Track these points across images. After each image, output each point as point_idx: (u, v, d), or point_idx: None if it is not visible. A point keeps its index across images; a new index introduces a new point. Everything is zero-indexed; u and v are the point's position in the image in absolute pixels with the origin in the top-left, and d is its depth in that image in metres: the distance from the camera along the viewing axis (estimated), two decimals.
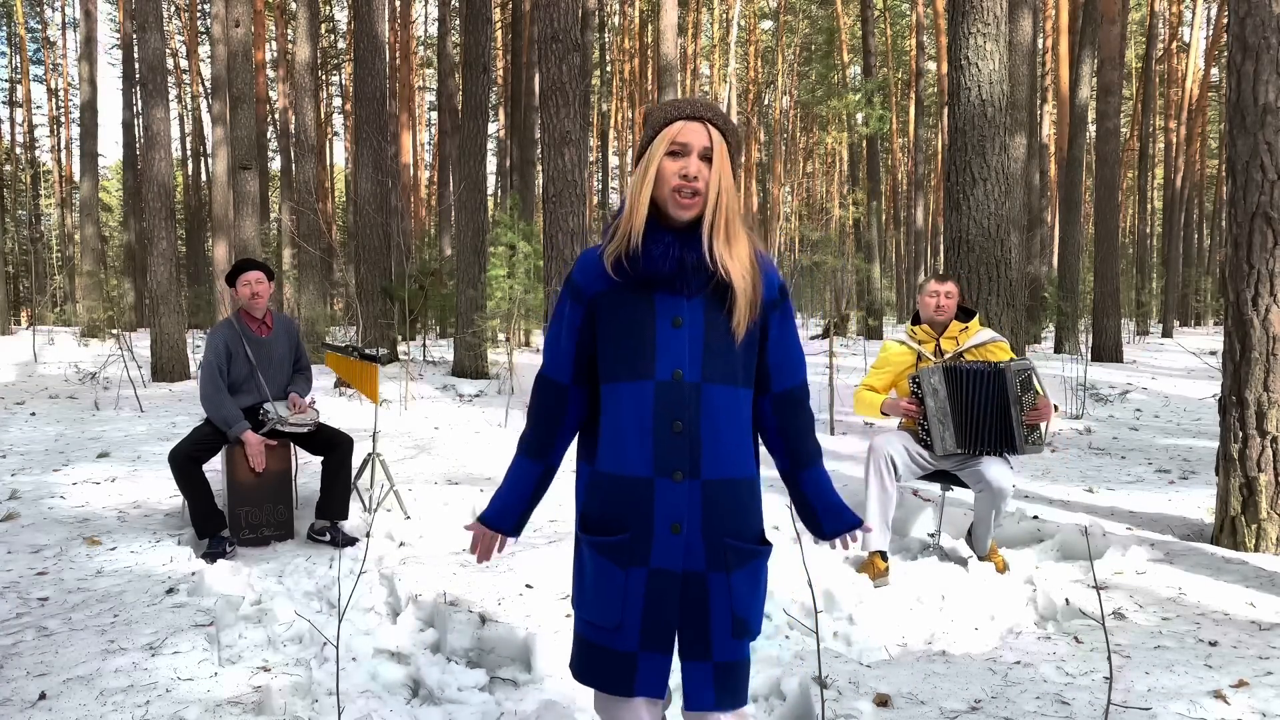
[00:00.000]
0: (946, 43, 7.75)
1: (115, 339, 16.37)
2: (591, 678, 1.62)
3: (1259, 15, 3.84)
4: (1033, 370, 3.53)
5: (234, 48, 13.29)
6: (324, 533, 4.12)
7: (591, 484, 1.65)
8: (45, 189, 44.25)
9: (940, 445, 3.63)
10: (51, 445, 6.53)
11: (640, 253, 1.56)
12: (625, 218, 1.58)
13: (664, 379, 1.56)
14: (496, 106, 31.81)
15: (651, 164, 1.56)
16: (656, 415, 1.56)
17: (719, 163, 1.55)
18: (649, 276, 1.57)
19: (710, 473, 1.57)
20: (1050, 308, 17.32)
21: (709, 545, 1.57)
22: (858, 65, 34.74)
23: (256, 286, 4.14)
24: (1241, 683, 2.55)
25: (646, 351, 1.57)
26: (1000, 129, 6.47)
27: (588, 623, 1.63)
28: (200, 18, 35.23)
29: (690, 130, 1.54)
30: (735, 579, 1.59)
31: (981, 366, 3.55)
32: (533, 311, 13.51)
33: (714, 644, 1.58)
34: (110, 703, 2.45)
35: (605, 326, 1.61)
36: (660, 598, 1.57)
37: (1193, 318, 35.27)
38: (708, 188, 1.54)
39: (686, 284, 1.57)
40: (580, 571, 1.65)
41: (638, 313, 1.58)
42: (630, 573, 1.57)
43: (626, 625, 1.58)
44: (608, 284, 1.61)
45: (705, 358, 1.57)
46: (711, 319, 1.58)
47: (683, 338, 1.57)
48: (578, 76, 8.47)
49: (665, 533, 1.57)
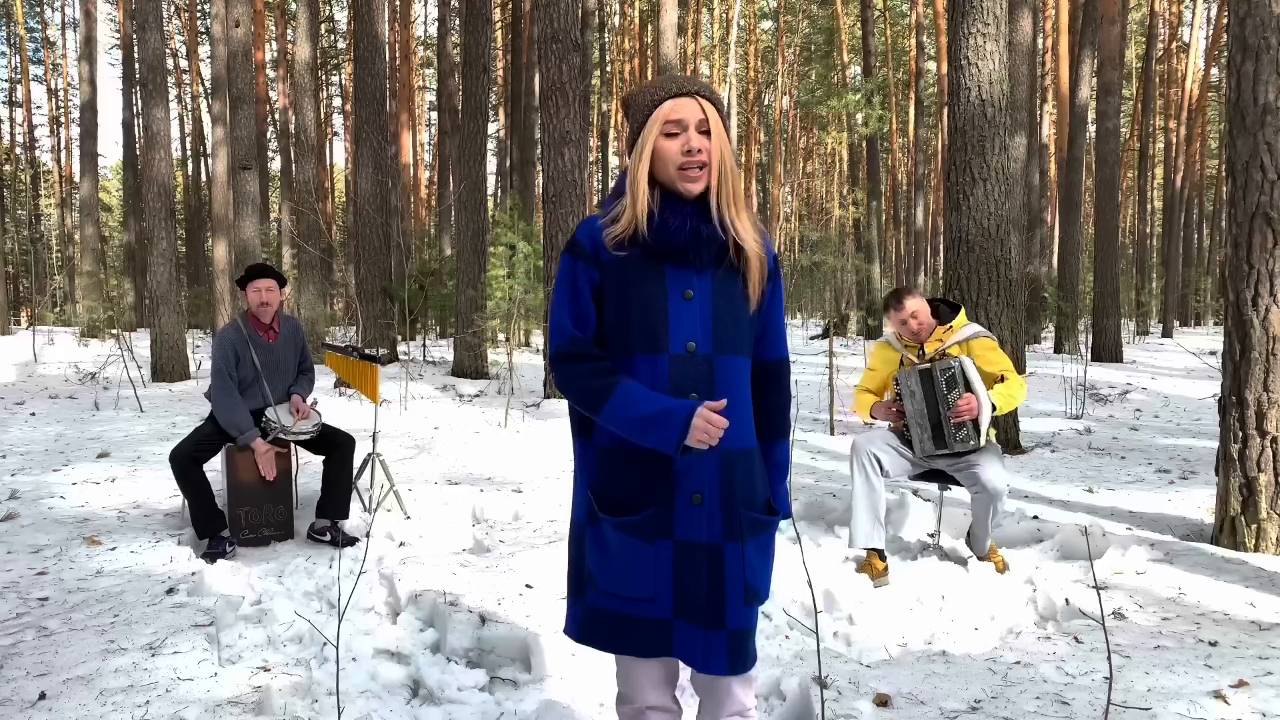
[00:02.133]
0: (946, 43, 7.75)
1: (115, 339, 16.37)
2: (626, 645, 1.61)
3: (1259, 15, 3.84)
4: (958, 368, 3.48)
5: (234, 48, 13.29)
6: (324, 532, 4.12)
7: (602, 462, 1.63)
8: (45, 189, 44.24)
9: (919, 448, 3.61)
10: (51, 445, 6.53)
11: (658, 223, 1.56)
12: (628, 203, 1.58)
13: (678, 352, 1.57)
14: (496, 106, 31.80)
15: (647, 147, 1.56)
16: (672, 388, 1.57)
17: (717, 134, 1.57)
18: (664, 247, 1.57)
19: (727, 443, 1.59)
20: (1050, 308, 17.32)
21: (726, 515, 1.59)
22: (857, 65, 34.73)
23: (267, 295, 4.13)
24: (1241, 683, 2.55)
25: (660, 324, 1.57)
26: (1000, 129, 6.47)
27: (612, 595, 1.61)
28: (200, 18, 35.22)
29: (682, 106, 1.55)
30: (749, 549, 1.61)
31: (950, 370, 3.51)
32: (533, 311, 13.52)
33: (729, 612, 1.59)
34: (110, 703, 2.45)
35: (614, 298, 1.60)
36: (688, 568, 1.58)
37: (1193, 318, 35.26)
38: (711, 159, 1.56)
39: (699, 255, 1.58)
40: (601, 548, 1.62)
41: (649, 285, 1.58)
42: (658, 545, 1.58)
43: (660, 595, 1.59)
44: (615, 254, 1.60)
45: (716, 330, 1.59)
46: (720, 290, 1.60)
47: (694, 310, 1.58)
48: (578, 76, 8.47)
49: (686, 504, 1.58)
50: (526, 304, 12.87)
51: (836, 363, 13.85)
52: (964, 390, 3.47)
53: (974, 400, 3.45)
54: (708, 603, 1.59)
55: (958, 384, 3.48)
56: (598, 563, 1.63)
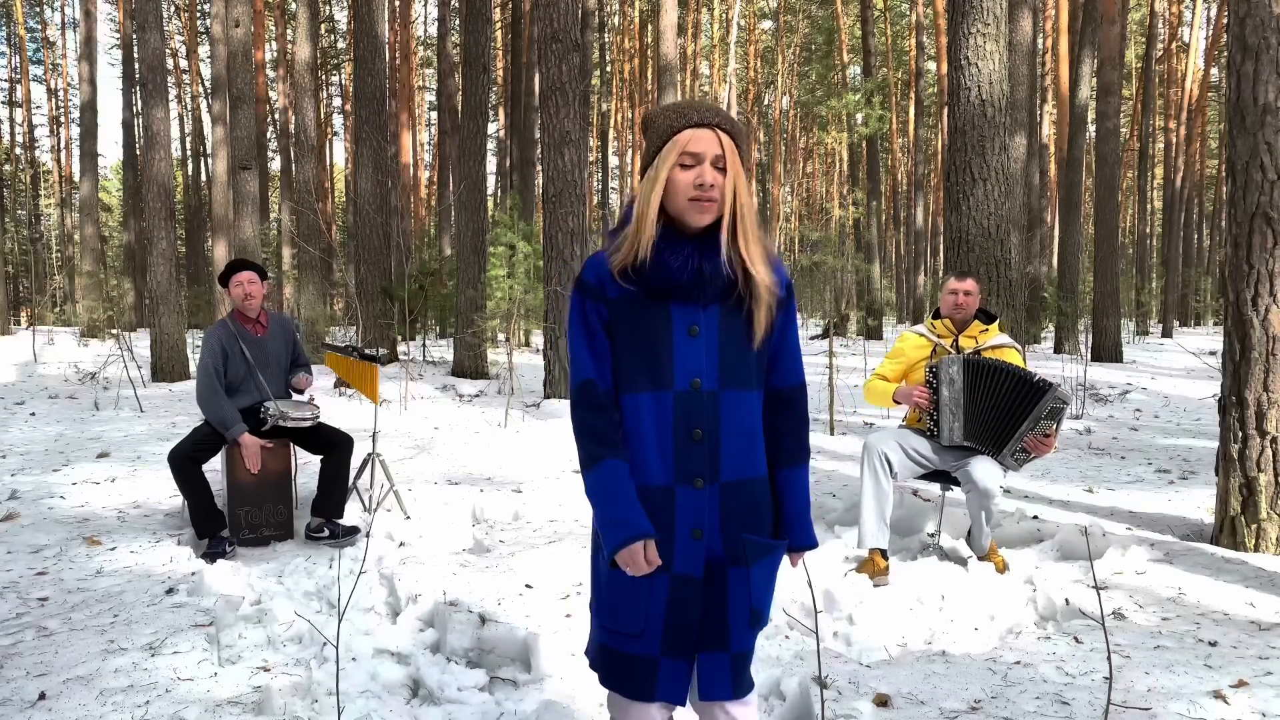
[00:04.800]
0: (946, 43, 7.75)
1: (115, 339, 16.36)
2: (615, 683, 1.62)
3: (1259, 15, 3.84)
4: (1066, 407, 3.52)
5: (234, 48, 13.29)
6: (320, 529, 4.12)
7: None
8: (45, 189, 44.24)
9: (948, 435, 3.65)
10: (51, 445, 6.53)
11: (657, 262, 1.54)
12: (634, 230, 1.56)
13: (683, 389, 1.57)
14: (496, 106, 31.80)
15: (660, 175, 1.53)
16: (676, 424, 1.57)
17: (733, 169, 1.53)
18: (667, 286, 1.56)
19: (728, 475, 1.59)
20: (1050, 308, 17.33)
21: (727, 543, 1.59)
22: (857, 65, 34.74)
23: (249, 287, 4.14)
24: (1241, 683, 2.55)
25: (664, 361, 1.57)
26: (1000, 129, 6.47)
27: (609, 629, 1.62)
28: (200, 18, 35.21)
29: (700, 139, 1.52)
30: (754, 572, 1.61)
31: (1006, 367, 3.56)
32: (533, 311, 13.52)
33: (732, 636, 1.59)
34: (110, 703, 2.45)
35: (621, 335, 1.60)
36: (682, 603, 1.58)
37: (1193, 318, 35.26)
38: (724, 196, 1.53)
39: (703, 293, 1.57)
40: (599, 579, 1.64)
41: (654, 323, 1.58)
42: (654, 579, 1.58)
43: (649, 630, 1.59)
44: (621, 291, 1.60)
45: (722, 365, 1.58)
46: (726, 325, 1.59)
47: (699, 346, 1.58)
48: (578, 76, 8.47)
49: (686, 538, 1.58)
50: (526, 304, 12.87)
51: (836, 363, 13.85)
52: (1052, 428, 3.50)
53: (1054, 443, 3.52)
54: (709, 626, 1.59)
55: (1056, 419, 3.49)
56: (597, 593, 1.65)
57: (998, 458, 3.59)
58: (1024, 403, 3.51)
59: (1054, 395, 3.43)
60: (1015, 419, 3.53)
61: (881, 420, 8.26)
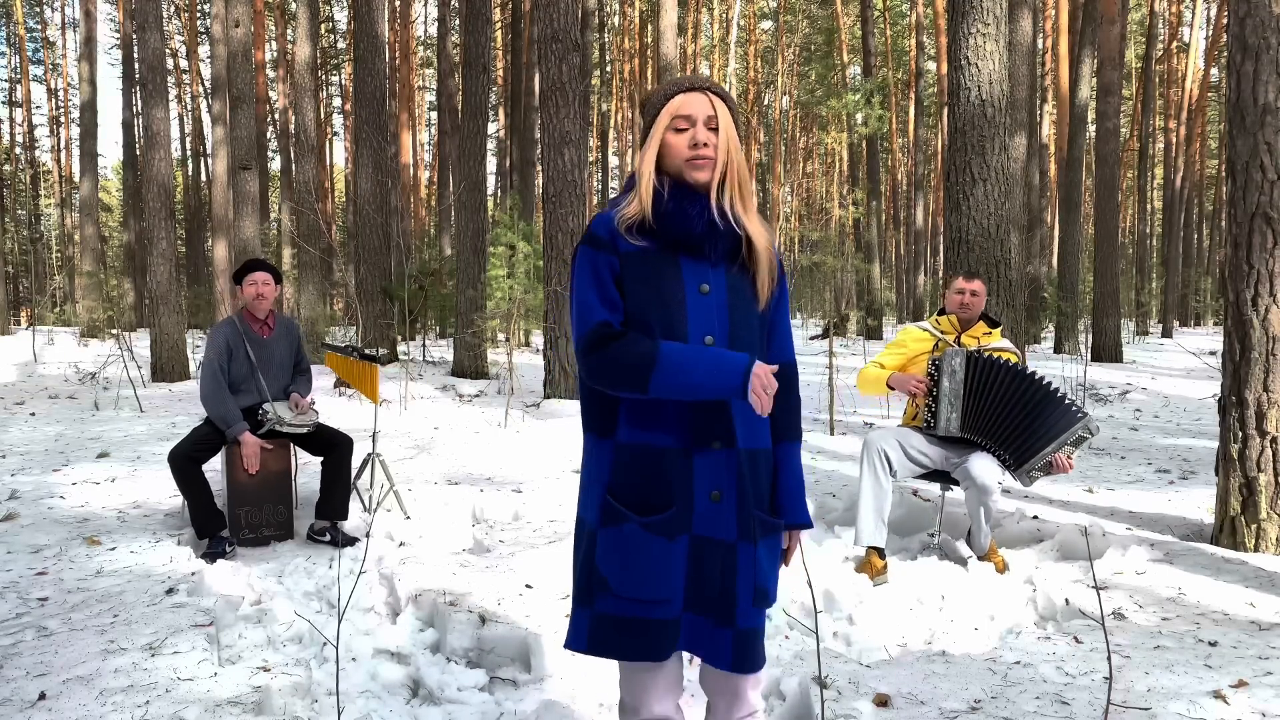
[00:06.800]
0: (946, 43, 7.76)
1: (115, 339, 16.37)
2: (637, 650, 1.57)
3: (1259, 15, 3.84)
4: (1092, 435, 3.52)
5: (234, 48, 13.29)
6: (324, 533, 4.12)
7: (618, 461, 1.59)
8: (45, 189, 44.24)
9: (944, 426, 3.66)
10: (51, 445, 6.53)
11: (673, 209, 1.57)
12: (636, 191, 1.60)
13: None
14: (496, 106, 31.81)
15: (656, 138, 1.58)
16: None
17: (725, 129, 1.58)
18: (678, 235, 1.57)
19: (745, 442, 1.60)
20: (1050, 308, 17.33)
21: (741, 515, 1.59)
22: (857, 65, 34.73)
23: (263, 288, 4.15)
24: (1241, 683, 2.55)
25: (678, 317, 1.57)
26: (1000, 129, 6.47)
27: (628, 599, 1.57)
28: (200, 18, 35.22)
29: (692, 102, 1.57)
30: (760, 550, 1.62)
31: (1016, 369, 3.57)
32: (533, 311, 13.52)
33: (738, 612, 1.59)
34: (110, 703, 2.44)
35: (633, 290, 1.58)
36: (702, 562, 1.58)
37: (1193, 318, 35.26)
38: (718, 153, 1.57)
39: (714, 249, 1.58)
40: (619, 550, 1.58)
41: (666, 278, 1.58)
42: (677, 541, 1.58)
43: (675, 596, 1.59)
44: (632, 245, 1.59)
45: (732, 326, 1.59)
46: (734, 286, 1.61)
47: (710, 304, 1.59)
48: (578, 76, 8.47)
49: (706, 501, 1.58)
50: (526, 304, 12.87)
51: (836, 363, 13.85)
52: (1073, 451, 3.51)
53: (1073, 464, 3.53)
54: (719, 600, 1.59)
55: (1080, 445, 3.50)
56: (613, 566, 1.58)
57: (1015, 474, 3.59)
58: (1037, 411, 3.52)
59: (1084, 425, 3.45)
60: (1030, 430, 3.53)
61: (881, 420, 8.26)
